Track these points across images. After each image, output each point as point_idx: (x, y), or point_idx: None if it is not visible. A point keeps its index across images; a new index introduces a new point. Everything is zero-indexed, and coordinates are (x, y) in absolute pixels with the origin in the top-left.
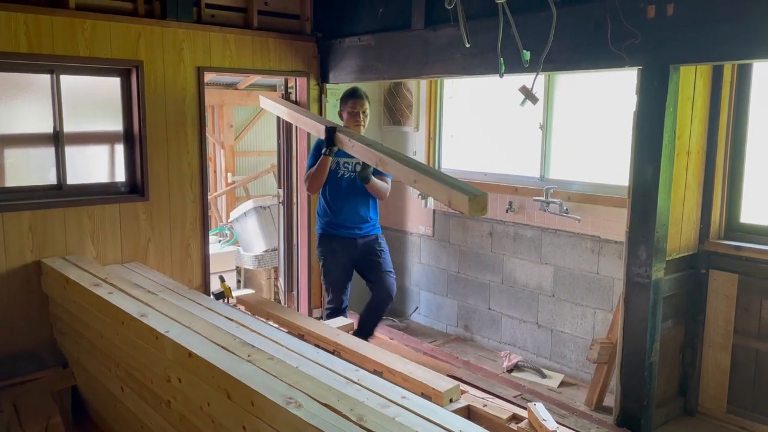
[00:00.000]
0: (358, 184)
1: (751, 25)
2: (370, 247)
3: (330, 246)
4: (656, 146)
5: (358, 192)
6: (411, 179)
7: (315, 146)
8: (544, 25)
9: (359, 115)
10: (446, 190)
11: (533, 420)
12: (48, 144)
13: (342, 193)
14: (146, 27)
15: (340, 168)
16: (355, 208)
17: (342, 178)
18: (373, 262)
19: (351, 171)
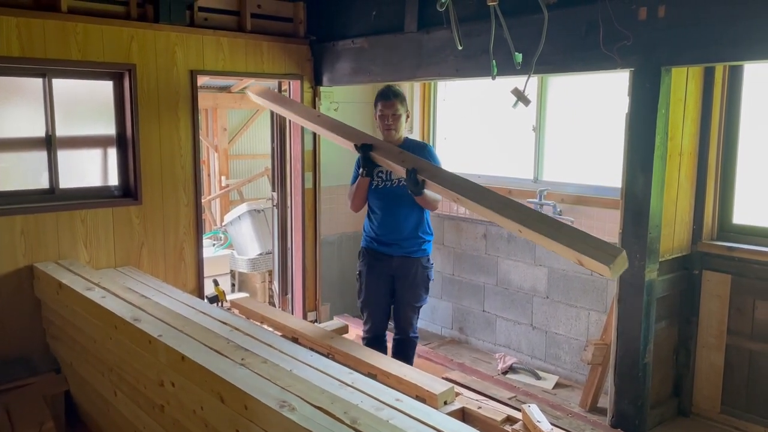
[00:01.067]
0: (399, 193)
1: (742, 27)
2: (405, 270)
3: (367, 262)
4: (649, 148)
5: (401, 203)
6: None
7: (356, 160)
8: (536, 28)
9: (388, 118)
10: (571, 252)
11: (528, 422)
12: (40, 148)
13: (381, 204)
14: (139, 30)
15: (374, 178)
16: (397, 221)
17: (377, 189)
18: (400, 290)
19: (387, 179)
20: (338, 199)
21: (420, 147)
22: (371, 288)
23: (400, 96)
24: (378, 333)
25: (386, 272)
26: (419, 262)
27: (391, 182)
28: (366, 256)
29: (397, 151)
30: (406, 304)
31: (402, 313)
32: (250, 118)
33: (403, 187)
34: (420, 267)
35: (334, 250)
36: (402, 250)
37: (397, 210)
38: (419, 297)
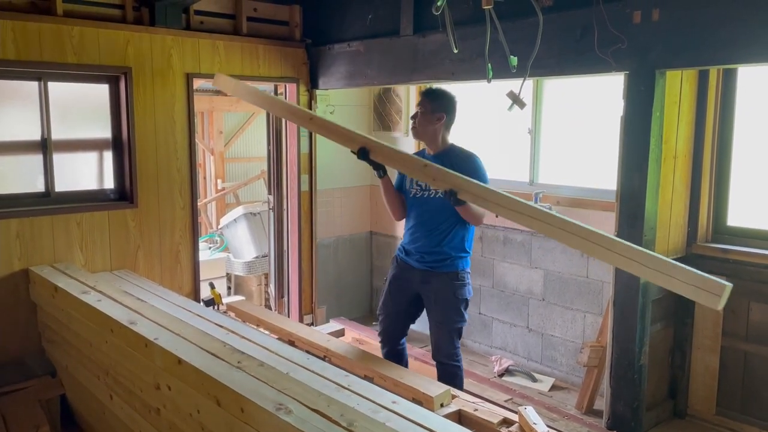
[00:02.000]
0: (435, 205)
1: (735, 30)
2: (428, 286)
3: (394, 270)
4: (643, 150)
5: (436, 216)
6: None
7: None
8: (531, 31)
9: (416, 114)
10: (687, 288)
11: (524, 424)
12: (36, 151)
13: (415, 214)
14: (135, 34)
15: (412, 186)
16: (426, 233)
17: (414, 198)
18: (427, 308)
19: (426, 189)
20: (334, 202)
21: (464, 157)
22: (390, 295)
23: (434, 95)
24: (391, 346)
25: (409, 285)
26: (446, 278)
27: (429, 192)
28: (394, 264)
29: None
30: (434, 325)
31: (432, 334)
32: (246, 121)
33: (439, 200)
34: (446, 283)
35: (331, 253)
36: (424, 264)
37: (429, 222)
38: (448, 317)
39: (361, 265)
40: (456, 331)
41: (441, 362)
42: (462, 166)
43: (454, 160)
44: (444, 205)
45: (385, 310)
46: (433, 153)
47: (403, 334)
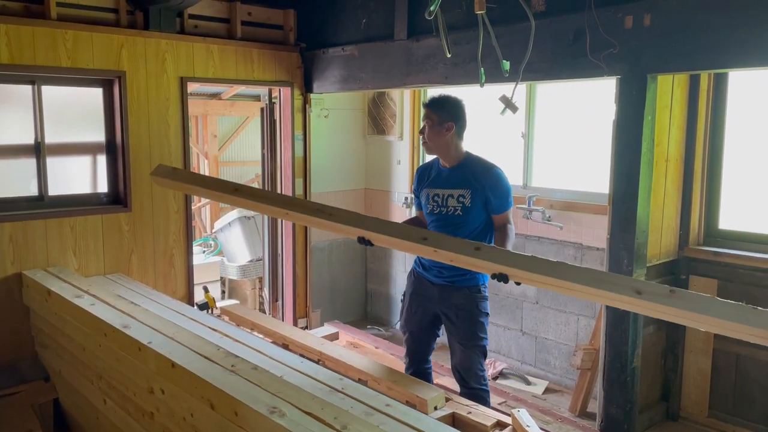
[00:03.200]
0: (454, 222)
1: (726, 35)
2: (448, 301)
3: (411, 285)
4: (635, 154)
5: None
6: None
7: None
8: (524, 36)
9: (424, 128)
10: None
11: (517, 427)
12: (29, 155)
13: (432, 228)
14: (129, 38)
15: (429, 203)
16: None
17: (432, 213)
18: (448, 327)
19: (443, 206)
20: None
21: (484, 170)
22: (411, 313)
23: (440, 103)
24: (417, 367)
25: (429, 302)
26: (467, 292)
27: (446, 209)
28: (412, 279)
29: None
30: (458, 346)
31: (454, 356)
32: (241, 124)
33: (459, 217)
34: (469, 298)
35: (325, 257)
36: (443, 279)
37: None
38: (473, 335)
39: (355, 268)
40: (482, 349)
41: (470, 388)
42: (482, 180)
43: (473, 173)
44: (463, 221)
45: (408, 327)
46: (449, 166)
47: (429, 352)
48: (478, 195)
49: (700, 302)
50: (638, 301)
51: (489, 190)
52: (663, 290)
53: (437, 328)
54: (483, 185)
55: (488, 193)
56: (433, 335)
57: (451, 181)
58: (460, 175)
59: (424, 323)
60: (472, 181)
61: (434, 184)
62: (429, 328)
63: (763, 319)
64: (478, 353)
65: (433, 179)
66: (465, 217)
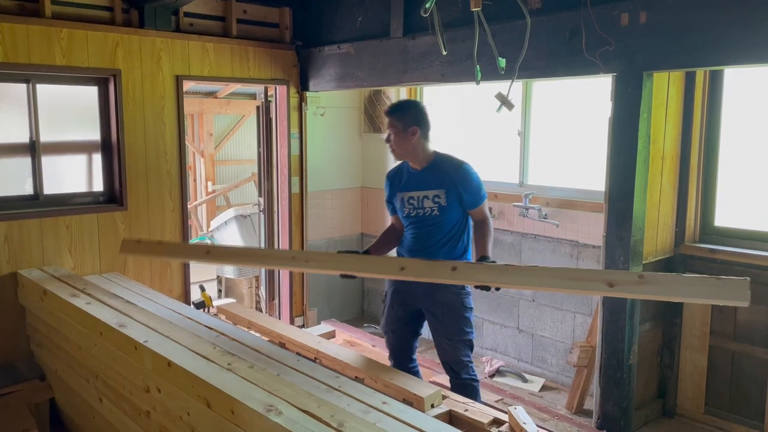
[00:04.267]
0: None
1: (722, 33)
2: (432, 299)
3: (393, 284)
4: (631, 152)
5: (433, 232)
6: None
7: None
8: (520, 33)
9: (389, 137)
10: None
11: (514, 424)
12: (24, 154)
13: (411, 232)
14: (124, 36)
15: (405, 206)
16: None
17: (409, 216)
18: (433, 324)
19: (419, 207)
20: (325, 204)
21: (454, 168)
22: (393, 311)
23: (401, 110)
24: (402, 367)
25: (410, 299)
26: (450, 288)
27: (423, 210)
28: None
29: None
30: (445, 341)
31: (442, 351)
32: (237, 123)
33: (437, 217)
34: (453, 294)
35: None
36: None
37: (427, 238)
38: (459, 329)
39: None
40: (469, 343)
41: (461, 379)
42: (454, 177)
43: (444, 172)
44: (441, 221)
45: (389, 326)
46: (420, 168)
47: (412, 350)
48: (452, 193)
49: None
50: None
51: (461, 186)
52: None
53: (419, 325)
54: (455, 182)
55: (461, 190)
56: (414, 333)
57: (424, 182)
58: (433, 176)
59: (405, 321)
60: (445, 180)
61: (408, 187)
62: (410, 325)
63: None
64: (466, 347)
65: (406, 182)
66: (442, 216)
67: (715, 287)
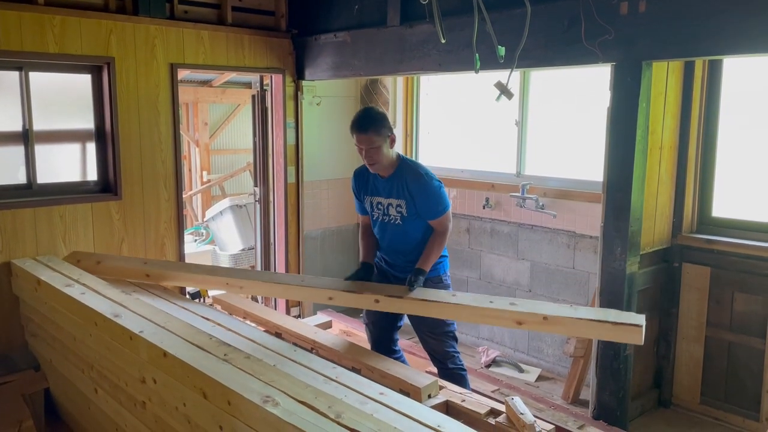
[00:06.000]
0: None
1: (721, 22)
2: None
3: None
4: (630, 142)
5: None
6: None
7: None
8: (519, 22)
9: (367, 152)
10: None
11: (511, 414)
12: (17, 142)
13: (383, 236)
14: (117, 23)
15: (374, 210)
16: (402, 249)
17: (379, 222)
18: (411, 318)
19: (385, 214)
20: (321, 194)
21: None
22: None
23: (376, 123)
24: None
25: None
26: (430, 283)
27: (388, 217)
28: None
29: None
30: (427, 334)
31: (426, 344)
32: (232, 112)
33: (400, 226)
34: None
35: (318, 245)
36: (407, 272)
37: (401, 242)
38: (438, 323)
39: (348, 257)
40: (451, 334)
41: (447, 368)
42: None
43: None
44: (411, 226)
45: (370, 317)
46: (387, 176)
47: (393, 341)
48: (411, 204)
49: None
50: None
51: (417, 198)
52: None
53: (399, 318)
54: (412, 194)
55: (417, 201)
56: (394, 325)
57: (388, 190)
58: (395, 185)
59: (384, 314)
60: (404, 191)
61: (375, 192)
62: (390, 318)
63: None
64: (449, 338)
65: (373, 186)
66: (405, 225)
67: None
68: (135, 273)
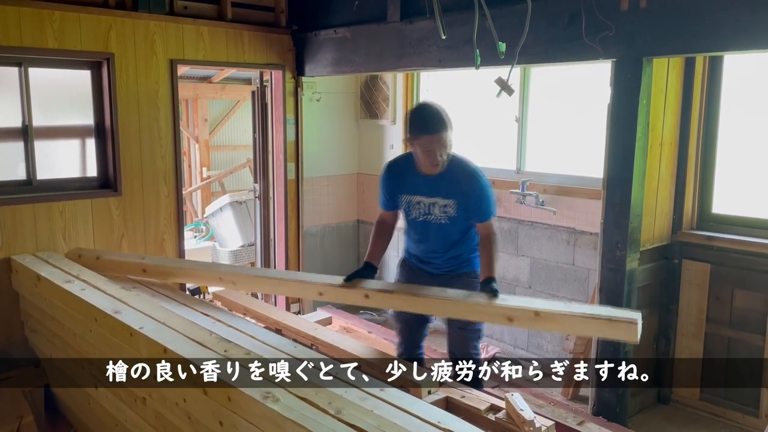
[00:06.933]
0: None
1: (722, 18)
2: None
3: (405, 275)
4: (630, 138)
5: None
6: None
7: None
8: (519, 18)
9: (435, 154)
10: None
11: (511, 410)
12: (17, 138)
13: (419, 237)
14: (117, 19)
15: (411, 210)
16: (438, 247)
17: (416, 221)
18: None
19: (427, 213)
20: (321, 191)
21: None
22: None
23: (446, 121)
24: (410, 354)
25: None
26: (466, 278)
27: (431, 216)
28: (404, 268)
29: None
30: (456, 330)
31: (451, 340)
32: (232, 108)
33: (445, 225)
34: (468, 284)
35: (317, 242)
36: (442, 270)
37: (438, 240)
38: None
39: (348, 253)
40: (479, 333)
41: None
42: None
43: (456, 181)
44: (456, 226)
45: (401, 317)
46: (432, 174)
47: (422, 338)
48: (462, 205)
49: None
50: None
51: (470, 199)
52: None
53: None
54: (465, 195)
55: (470, 202)
56: (425, 323)
57: (435, 189)
58: (443, 184)
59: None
60: (455, 190)
61: (416, 191)
62: (423, 316)
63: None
64: (475, 337)
65: (413, 184)
66: (451, 225)
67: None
68: (132, 267)
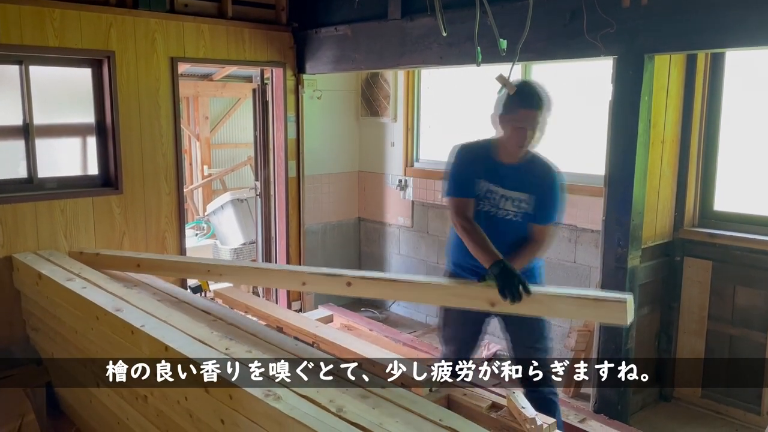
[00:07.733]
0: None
1: (723, 15)
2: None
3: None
4: (631, 135)
5: (510, 235)
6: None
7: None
8: (521, 15)
9: (525, 132)
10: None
11: (512, 408)
12: (18, 136)
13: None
14: (117, 16)
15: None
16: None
17: (485, 213)
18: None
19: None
20: (322, 188)
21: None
22: (458, 321)
23: (548, 100)
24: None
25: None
26: None
27: (501, 211)
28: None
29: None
30: (524, 349)
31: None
32: (233, 106)
33: (514, 222)
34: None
35: (318, 240)
36: None
37: (501, 241)
38: (542, 336)
39: (349, 251)
40: (551, 350)
41: (544, 396)
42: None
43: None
44: (517, 226)
45: (450, 333)
46: (515, 162)
47: (469, 354)
48: (536, 201)
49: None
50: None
51: (546, 195)
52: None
53: (482, 332)
54: (543, 190)
55: (544, 199)
56: (476, 338)
57: (512, 181)
58: (523, 177)
59: (472, 330)
60: (534, 184)
61: (496, 180)
62: (473, 332)
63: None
64: (549, 356)
65: (493, 171)
66: (522, 223)
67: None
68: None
